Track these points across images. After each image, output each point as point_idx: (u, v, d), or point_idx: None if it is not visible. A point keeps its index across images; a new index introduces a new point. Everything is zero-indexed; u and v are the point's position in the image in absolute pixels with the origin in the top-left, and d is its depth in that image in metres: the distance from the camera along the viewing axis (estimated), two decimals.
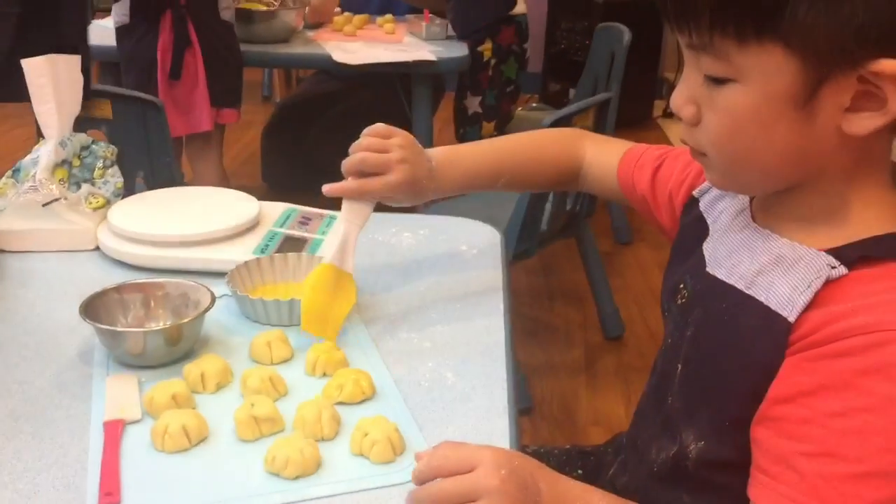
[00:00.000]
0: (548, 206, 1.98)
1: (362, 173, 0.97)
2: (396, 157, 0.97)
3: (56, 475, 0.72)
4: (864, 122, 0.63)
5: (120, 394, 0.82)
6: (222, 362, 0.86)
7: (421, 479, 0.68)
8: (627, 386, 2.14)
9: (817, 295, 0.65)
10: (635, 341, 2.36)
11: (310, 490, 0.71)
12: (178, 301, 0.94)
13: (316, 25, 2.88)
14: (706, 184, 0.83)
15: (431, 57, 2.48)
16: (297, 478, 0.72)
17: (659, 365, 0.84)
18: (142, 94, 1.91)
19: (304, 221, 1.20)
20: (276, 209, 1.22)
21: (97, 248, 1.14)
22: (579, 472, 1.02)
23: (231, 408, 0.81)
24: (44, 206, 1.13)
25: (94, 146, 1.22)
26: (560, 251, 2.66)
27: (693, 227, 0.83)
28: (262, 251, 1.09)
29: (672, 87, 0.90)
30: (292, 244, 1.13)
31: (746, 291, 0.70)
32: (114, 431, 0.77)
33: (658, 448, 0.80)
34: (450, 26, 2.72)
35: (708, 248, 0.78)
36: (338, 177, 1.00)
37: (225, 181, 2.54)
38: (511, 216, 1.92)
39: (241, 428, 0.77)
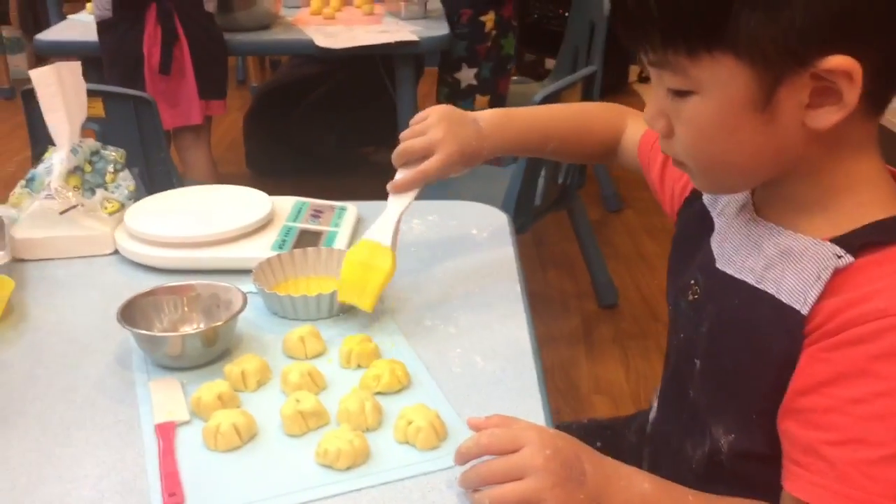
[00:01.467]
0: (540, 181, 2.01)
1: (410, 162, 1.02)
2: (437, 136, 1.00)
3: (117, 480, 0.75)
4: (826, 117, 0.64)
5: (165, 397, 0.85)
6: (260, 360, 0.89)
7: (469, 456, 0.71)
8: (625, 352, 2.19)
9: (827, 285, 0.67)
10: (630, 308, 2.41)
11: (363, 479, 0.75)
12: (209, 302, 0.96)
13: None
14: None
15: (413, 37, 2.49)
16: (348, 468, 0.76)
17: (673, 359, 0.87)
18: (133, 91, 1.91)
19: (316, 214, 1.23)
20: (286, 203, 1.24)
21: (115, 252, 1.16)
22: (598, 444, 1.05)
23: (274, 404, 0.84)
24: (61, 213, 1.14)
25: (103, 151, 1.23)
26: (549, 223, 2.70)
27: (696, 221, 0.84)
28: (281, 247, 1.12)
29: None
30: (308, 238, 1.15)
31: (757, 286, 0.72)
32: (167, 433, 0.80)
33: (693, 445, 0.82)
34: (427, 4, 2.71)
35: (715, 243, 0.80)
36: (323, 160, 1.04)
37: (215, 172, 2.55)
38: (506, 193, 1.95)
39: (289, 423, 0.80)
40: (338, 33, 2.57)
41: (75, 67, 1.22)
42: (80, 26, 2.67)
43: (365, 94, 3.06)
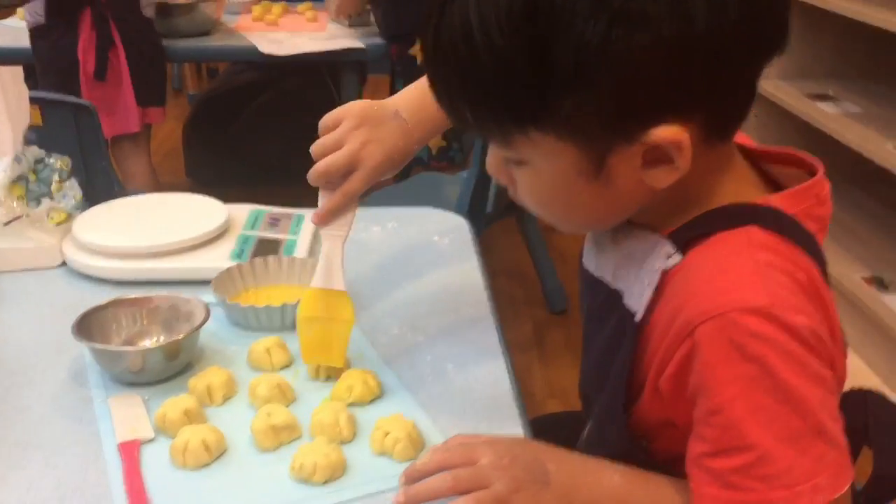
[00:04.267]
0: (492, 188, 2.01)
1: (333, 181, 0.87)
2: (359, 143, 0.85)
3: (79, 502, 0.71)
4: (663, 176, 0.62)
5: (127, 414, 0.81)
6: (226, 373, 0.86)
7: (424, 473, 0.69)
8: (576, 358, 2.18)
9: (658, 288, 0.65)
10: (579, 314, 2.42)
11: (341, 493, 0.72)
12: (169, 314, 0.93)
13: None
14: None
15: (360, 45, 2.47)
16: (325, 482, 0.73)
17: None
18: (72, 98, 1.85)
19: (273, 222, 1.20)
20: (241, 211, 1.21)
21: (63, 265, 1.11)
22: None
23: (242, 418, 0.81)
24: (5, 224, 1.09)
25: (48, 159, 1.18)
26: (497, 230, 2.70)
27: None
28: (239, 256, 1.09)
29: None
30: (267, 247, 1.12)
31: (612, 286, 0.71)
32: (131, 452, 0.76)
33: (585, 422, 0.83)
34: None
35: (587, 237, 0.79)
36: (268, 167, 0.95)
37: (155, 181, 2.49)
38: (458, 200, 1.95)
39: (261, 438, 0.77)
40: (282, 40, 2.53)
41: (17, 73, 1.17)
42: (11, 33, 2.58)
43: (310, 100, 3.02)
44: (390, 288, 1.07)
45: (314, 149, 0.87)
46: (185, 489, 0.73)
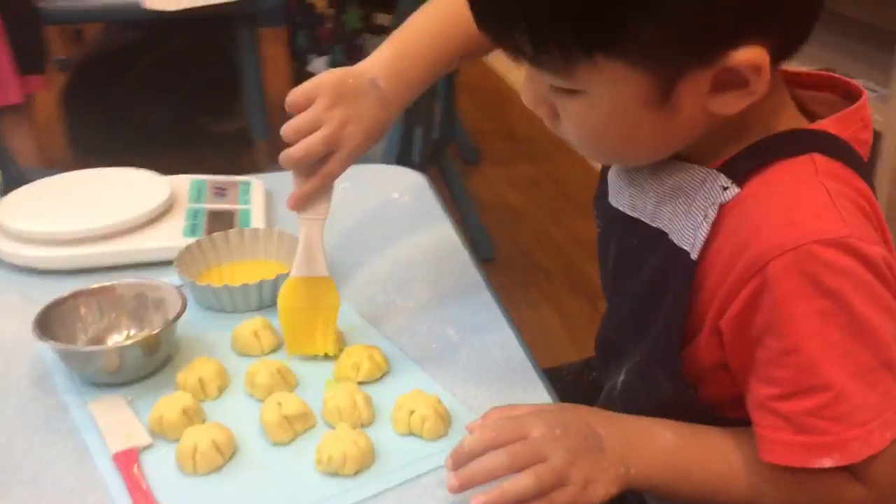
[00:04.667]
0: (417, 139, 1.95)
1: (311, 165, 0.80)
2: (337, 124, 0.78)
3: None
4: (731, 103, 0.59)
5: (115, 419, 0.73)
6: (216, 363, 0.78)
7: (473, 454, 0.63)
8: (513, 304, 2.16)
9: (715, 223, 0.61)
10: (507, 260, 2.40)
11: (376, 483, 0.67)
12: (136, 303, 0.84)
13: None
14: None
15: None
16: (357, 473, 0.67)
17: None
18: None
19: (220, 192, 1.10)
20: (181, 183, 1.10)
21: None
22: (567, 378, 0.99)
23: (244, 411, 0.74)
24: None
25: None
26: None
27: None
28: (193, 232, 0.99)
29: None
30: (220, 219, 1.03)
31: (652, 225, 0.67)
32: (129, 463, 0.68)
33: (608, 375, 0.79)
34: None
35: (610, 176, 0.75)
36: (160, 132, 0.85)
37: (41, 155, 2.30)
38: (384, 153, 1.87)
39: (274, 431, 0.70)
40: None
41: None
42: None
43: (199, 60, 2.85)
44: (364, 252, 1.00)
45: (286, 130, 0.78)
46: (201, 497, 0.66)
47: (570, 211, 2.67)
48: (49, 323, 0.78)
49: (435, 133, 2.07)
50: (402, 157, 1.86)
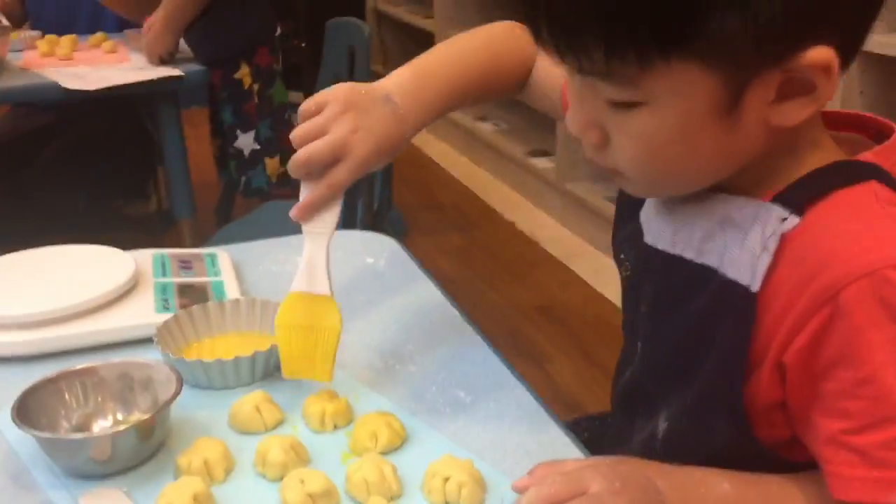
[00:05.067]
0: (359, 208, 1.91)
1: (316, 172, 0.76)
2: (343, 132, 0.75)
3: None
4: (794, 112, 0.59)
5: None
6: (220, 443, 0.71)
7: None
8: None
9: (776, 254, 0.60)
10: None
11: None
12: (120, 384, 0.76)
13: None
14: None
15: (178, 72, 2.27)
16: None
17: (624, 341, 0.80)
18: None
19: (185, 265, 1.04)
20: (142, 258, 1.03)
21: None
22: (585, 434, 0.96)
23: (256, 493, 0.68)
24: None
25: None
26: None
27: (628, 195, 0.76)
28: (165, 307, 0.93)
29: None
30: (192, 292, 0.97)
31: (697, 261, 0.65)
32: None
33: (637, 430, 0.76)
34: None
35: (644, 215, 0.73)
36: (72, 217, 0.81)
37: None
38: None
39: None
40: (86, 74, 2.28)
41: None
42: None
43: (113, 140, 2.75)
44: (351, 319, 0.94)
45: (294, 136, 0.76)
46: None
47: (505, 276, 2.67)
48: (27, 411, 0.70)
49: (375, 202, 2.05)
50: (346, 227, 1.82)
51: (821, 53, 0.56)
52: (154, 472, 0.71)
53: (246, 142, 2.46)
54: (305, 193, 0.77)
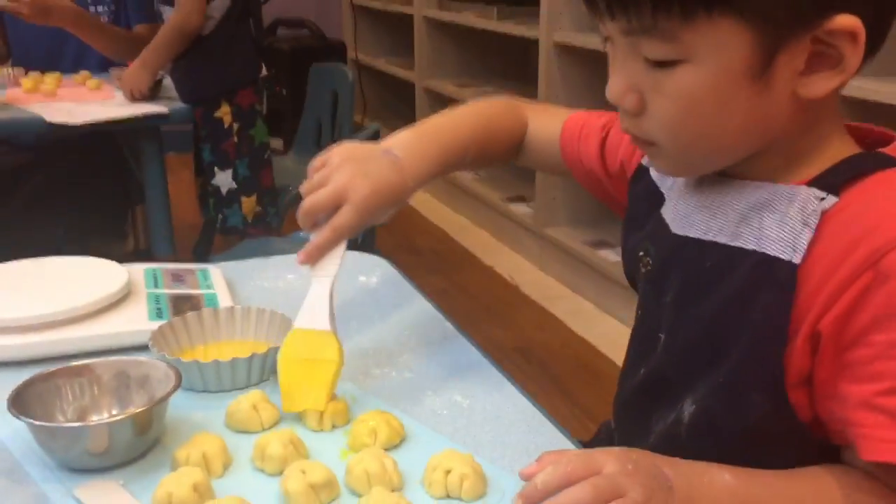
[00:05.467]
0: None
1: (319, 222, 0.81)
2: (342, 180, 0.80)
3: None
4: (821, 84, 0.63)
5: (110, 503, 0.64)
6: (218, 438, 0.71)
7: (548, 490, 0.60)
8: None
9: (817, 230, 0.63)
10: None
11: None
12: (116, 382, 0.76)
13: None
14: None
15: (163, 109, 2.29)
16: None
17: (637, 337, 0.81)
18: None
19: (177, 278, 1.04)
20: (133, 271, 1.03)
21: None
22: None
23: (254, 487, 0.67)
24: None
25: None
26: None
27: (645, 197, 0.81)
28: (159, 315, 0.93)
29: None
30: (185, 304, 0.96)
31: (732, 244, 0.68)
32: None
33: (657, 419, 0.76)
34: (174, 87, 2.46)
35: (668, 211, 0.76)
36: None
37: None
38: None
39: (300, 501, 0.64)
40: (71, 109, 2.29)
41: None
42: None
43: (94, 179, 2.75)
44: (346, 332, 0.95)
45: (302, 189, 0.83)
46: None
47: (484, 318, 2.67)
48: (22, 404, 0.69)
49: (358, 241, 2.05)
50: None
51: (849, 20, 0.60)
52: (150, 467, 0.70)
53: (223, 179, 2.47)
54: (313, 240, 0.82)
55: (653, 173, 0.82)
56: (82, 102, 2.40)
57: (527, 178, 3.21)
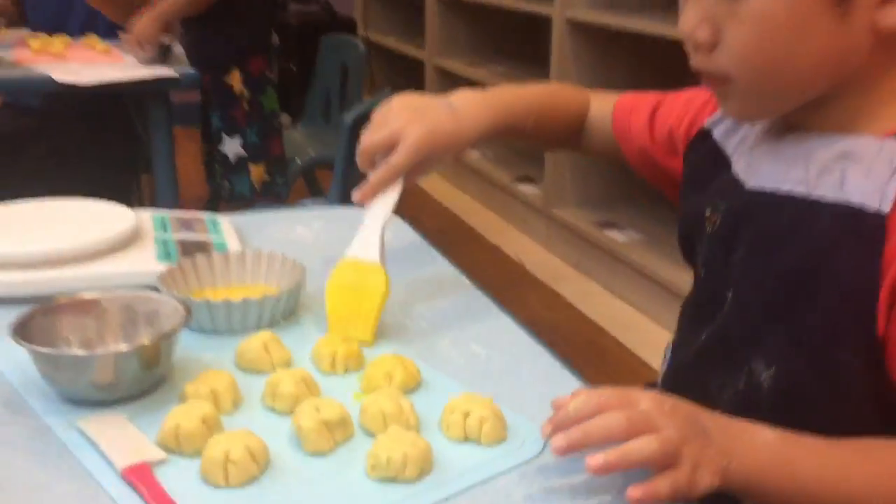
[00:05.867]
0: None
1: (377, 159, 0.85)
2: (399, 123, 0.84)
3: None
4: None
5: (117, 435, 0.62)
6: (228, 375, 0.68)
7: (580, 417, 0.58)
8: None
9: None
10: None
11: (440, 489, 0.58)
12: (123, 317, 0.73)
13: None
14: (717, 114, 0.81)
15: (172, 73, 2.26)
16: (418, 478, 0.59)
17: (694, 301, 0.79)
18: None
19: (186, 225, 1.01)
20: (142, 216, 1.00)
21: None
22: None
23: (266, 423, 0.65)
24: None
25: None
26: None
27: (707, 160, 0.79)
28: (167, 258, 0.90)
29: None
30: (195, 249, 0.94)
31: (811, 196, 0.65)
32: (144, 477, 0.57)
33: (720, 386, 0.73)
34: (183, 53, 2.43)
35: (739, 167, 0.74)
36: None
37: None
38: None
39: (313, 439, 0.61)
40: (79, 70, 2.25)
41: None
42: None
43: (101, 144, 2.72)
44: None
45: (364, 135, 0.86)
46: None
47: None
48: (26, 334, 0.67)
49: None
50: None
51: None
52: (157, 403, 0.67)
53: (232, 146, 2.43)
54: (371, 179, 0.85)
55: (717, 135, 0.79)
56: (91, 64, 2.37)
57: (535, 158, 3.18)
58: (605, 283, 2.64)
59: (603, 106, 0.96)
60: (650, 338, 2.27)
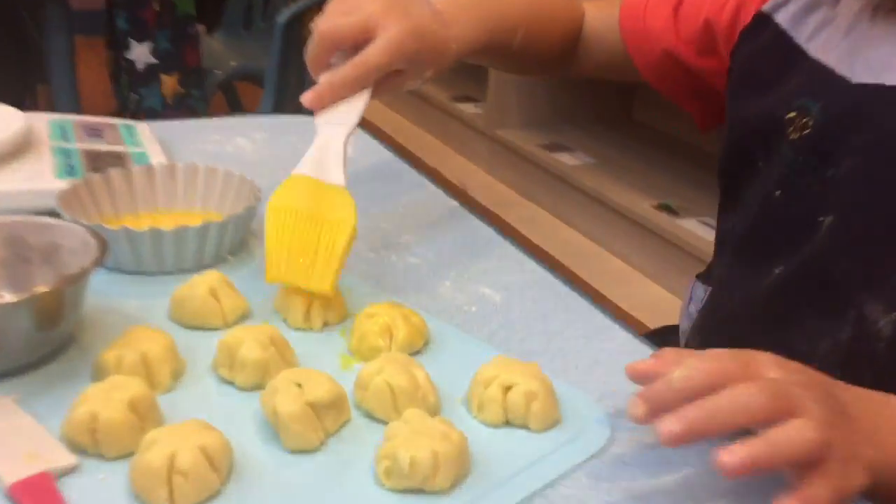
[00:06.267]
0: None
1: (342, 54, 0.60)
2: (378, 8, 0.60)
3: None
4: None
5: (1, 429, 0.42)
6: (162, 335, 0.48)
7: (691, 389, 0.40)
8: None
9: None
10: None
11: (489, 502, 0.40)
12: (9, 252, 0.52)
13: None
14: None
15: None
16: (452, 488, 0.41)
17: (765, 232, 0.62)
18: None
19: (93, 133, 0.79)
20: (34, 120, 0.78)
21: None
22: None
23: (222, 405, 0.46)
24: None
25: None
26: None
27: (771, 52, 0.62)
28: (70, 173, 0.68)
29: None
30: (106, 161, 0.72)
31: None
32: (44, 493, 0.38)
33: (811, 336, 0.57)
34: None
35: (832, 59, 0.58)
36: None
37: None
38: None
39: (298, 430, 0.42)
40: None
41: None
42: None
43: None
44: None
45: (323, 16, 0.61)
46: None
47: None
48: None
49: None
50: None
51: None
52: (60, 376, 0.47)
53: (140, 53, 2.15)
54: (325, 78, 0.60)
55: (782, 20, 0.62)
56: None
57: (476, 75, 2.97)
58: (554, 210, 2.49)
59: (603, 12, 0.78)
60: (605, 266, 2.14)
